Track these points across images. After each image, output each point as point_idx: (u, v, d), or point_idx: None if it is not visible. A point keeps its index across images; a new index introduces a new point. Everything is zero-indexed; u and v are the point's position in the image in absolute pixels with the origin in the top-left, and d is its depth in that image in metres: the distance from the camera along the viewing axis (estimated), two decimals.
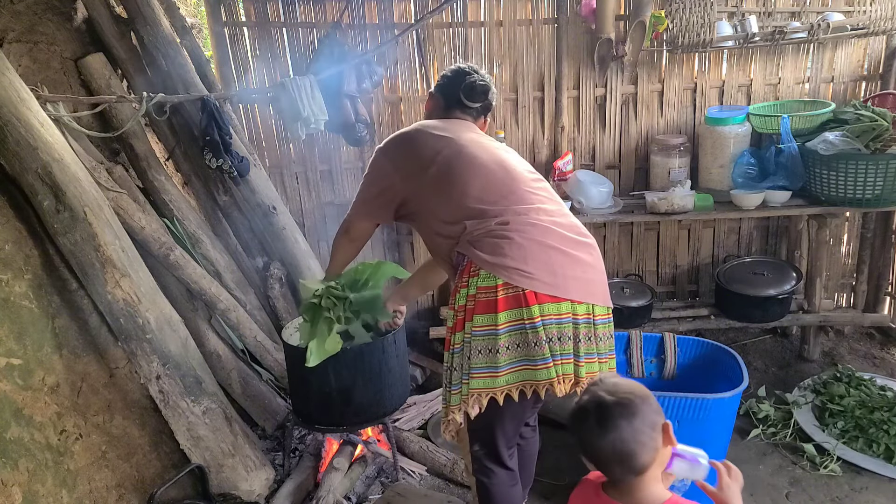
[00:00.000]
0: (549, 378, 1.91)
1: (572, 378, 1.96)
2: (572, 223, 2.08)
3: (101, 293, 2.42)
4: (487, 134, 2.31)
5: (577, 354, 1.97)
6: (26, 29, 2.67)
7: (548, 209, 2.04)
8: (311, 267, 3.41)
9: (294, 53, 3.55)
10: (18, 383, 2.17)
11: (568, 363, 1.95)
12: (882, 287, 3.83)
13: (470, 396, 1.95)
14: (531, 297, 1.90)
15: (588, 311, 1.98)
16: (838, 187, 3.23)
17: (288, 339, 2.77)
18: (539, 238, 1.96)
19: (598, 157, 3.78)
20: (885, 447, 2.79)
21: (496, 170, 2.07)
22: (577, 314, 1.96)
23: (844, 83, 3.67)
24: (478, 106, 2.28)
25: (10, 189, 2.39)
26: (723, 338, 3.79)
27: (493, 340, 1.92)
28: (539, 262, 1.93)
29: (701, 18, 3.26)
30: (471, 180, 2.04)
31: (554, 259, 1.95)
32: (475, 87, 2.25)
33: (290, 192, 3.79)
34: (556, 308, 1.93)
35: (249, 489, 2.62)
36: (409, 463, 2.92)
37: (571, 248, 2.00)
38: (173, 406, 2.54)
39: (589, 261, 2.03)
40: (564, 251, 1.98)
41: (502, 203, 2.01)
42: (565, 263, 1.97)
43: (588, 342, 1.99)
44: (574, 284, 1.96)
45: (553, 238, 1.98)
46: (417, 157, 2.11)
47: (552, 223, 2.01)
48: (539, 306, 1.91)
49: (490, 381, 1.93)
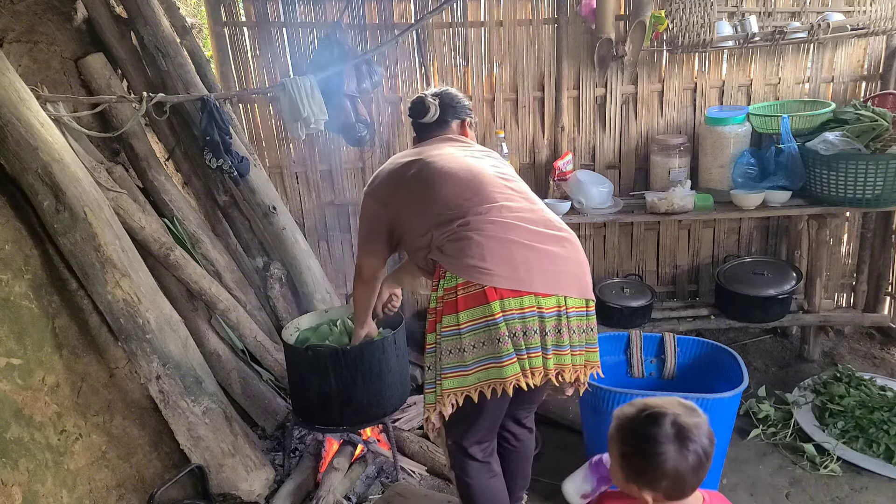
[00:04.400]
0: (514, 374, 1.92)
1: (541, 371, 1.97)
2: (544, 218, 2.07)
3: (101, 293, 2.42)
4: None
5: (545, 347, 1.97)
6: (26, 29, 2.67)
7: (512, 206, 2.03)
8: (310, 267, 3.41)
9: (294, 53, 3.55)
10: (18, 383, 2.17)
11: (536, 356, 1.96)
12: (882, 287, 3.83)
13: (444, 396, 1.97)
14: (491, 293, 1.91)
15: (558, 304, 1.97)
16: (838, 187, 3.23)
17: (288, 339, 2.77)
18: (499, 234, 1.97)
19: (598, 157, 3.78)
20: (885, 447, 2.79)
21: (463, 176, 2.07)
22: (543, 307, 1.95)
23: (844, 83, 3.67)
24: (428, 120, 2.28)
25: (10, 189, 2.39)
26: (723, 338, 3.79)
27: (458, 340, 1.95)
28: (498, 258, 1.94)
29: (701, 18, 3.26)
30: (438, 190, 2.06)
31: (515, 253, 1.95)
32: (412, 107, 2.32)
33: (290, 192, 3.79)
34: (519, 302, 1.93)
35: (249, 489, 2.62)
36: (409, 463, 2.92)
37: (538, 241, 1.99)
38: (173, 406, 2.54)
39: (560, 252, 2.01)
40: (528, 244, 1.98)
41: (465, 206, 2.02)
42: (529, 257, 1.97)
43: (557, 334, 1.98)
44: (540, 277, 1.96)
45: (515, 233, 1.98)
46: (392, 184, 2.18)
47: (516, 218, 2.01)
48: (500, 302, 1.92)
49: (461, 379, 1.96)
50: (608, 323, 3.46)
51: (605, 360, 2.57)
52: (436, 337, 2.01)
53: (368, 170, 3.78)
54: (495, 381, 1.94)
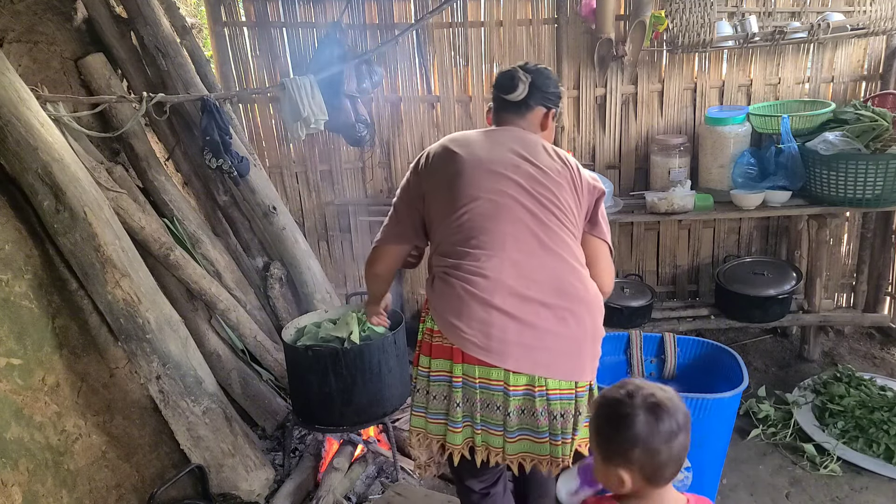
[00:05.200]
0: (455, 444, 1.86)
1: (499, 452, 1.84)
2: (553, 280, 1.80)
3: (101, 293, 2.42)
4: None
5: (507, 429, 1.82)
6: (26, 29, 2.67)
7: (519, 260, 1.79)
8: (311, 267, 3.41)
9: (294, 53, 3.55)
10: (18, 383, 2.17)
11: (496, 435, 1.83)
12: (882, 287, 3.83)
13: (411, 432, 1.94)
14: (457, 353, 1.80)
15: (530, 383, 1.79)
16: (838, 187, 3.23)
17: (288, 339, 2.77)
18: (485, 295, 1.76)
19: (598, 156, 3.78)
20: (885, 447, 2.79)
21: (481, 204, 1.82)
22: (510, 384, 1.78)
23: (844, 83, 3.67)
24: (513, 98, 1.96)
25: (10, 189, 2.39)
26: (723, 338, 3.79)
27: (426, 384, 1.88)
28: (475, 322, 1.76)
29: (701, 18, 3.26)
30: (450, 208, 1.85)
31: (494, 321, 1.75)
32: (500, 80, 2.00)
33: (290, 192, 3.79)
34: (486, 373, 1.79)
35: (249, 489, 2.62)
36: (409, 463, 2.92)
37: (527, 312, 1.77)
38: (173, 406, 2.54)
39: (550, 328, 1.78)
40: (511, 314, 1.76)
41: (468, 244, 1.81)
42: (509, 328, 1.76)
43: (524, 416, 1.81)
44: (515, 351, 1.76)
45: (502, 298, 1.76)
46: (427, 171, 1.94)
47: (516, 278, 1.78)
48: (463, 366, 1.80)
49: (425, 422, 1.91)
50: (608, 323, 3.41)
51: (605, 360, 2.57)
52: (415, 372, 1.96)
53: (368, 170, 3.78)
54: (448, 443, 1.88)
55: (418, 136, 3.73)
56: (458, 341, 1.78)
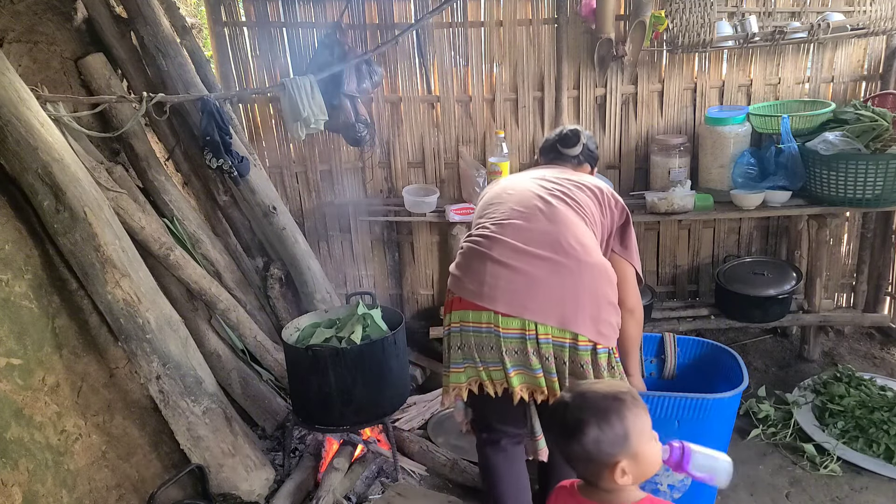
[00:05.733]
0: (459, 383, 2.09)
1: (503, 383, 2.03)
2: (552, 241, 2.01)
3: (101, 293, 2.42)
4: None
5: (505, 365, 1.99)
6: (26, 29, 2.67)
7: (521, 225, 2.05)
8: (311, 267, 3.41)
9: (294, 53, 3.55)
10: (18, 383, 2.17)
11: (496, 369, 2.02)
12: (882, 287, 3.83)
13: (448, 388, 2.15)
14: (455, 302, 2.06)
15: (522, 327, 1.95)
16: (838, 187, 3.23)
17: (288, 339, 2.77)
18: (484, 248, 2.04)
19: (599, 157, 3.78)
20: (885, 447, 2.79)
21: (500, 193, 2.22)
22: (502, 327, 1.96)
23: (844, 83, 3.67)
24: (568, 153, 2.40)
25: (10, 189, 2.39)
26: (723, 338, 3.79)
27: (447, 338, 2.13)
28: (471, 271, 2.04)
29: (701, 18, 3.26)
30: (481, 204, 2.28)
31: (488, 268, 2.00)
32: (565, 136, 2.41)
33: (290, 192, 3.79)
34: (478, 317, 1.99)
35: (249, 489, 2.62)
36: (409, 463, 2.92)
37: (522, 261, 1.98)
38: (173, 406, 2.54)
39: (542, 277, 1.96)
40: (505, 262, 1.99)
41: (483, 219, 2.17)
42: (500, 274, 1.98)
43: (519, 356, 1.97)
44: (505, 296, 1.96)
45: (499, 249, 2.01)
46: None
47: (514, 235, 2.03)
48: (459, 313, 2.04)
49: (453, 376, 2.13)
50: None
51: None
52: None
53: (368, 170, 3.78)
54: (452, 384, 2.11)
55: (418, 136, 3.73)
56: (458, 290, 2.06)
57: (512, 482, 2.24)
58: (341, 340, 2.78)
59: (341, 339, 2.79)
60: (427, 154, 3.76)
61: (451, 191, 3.81)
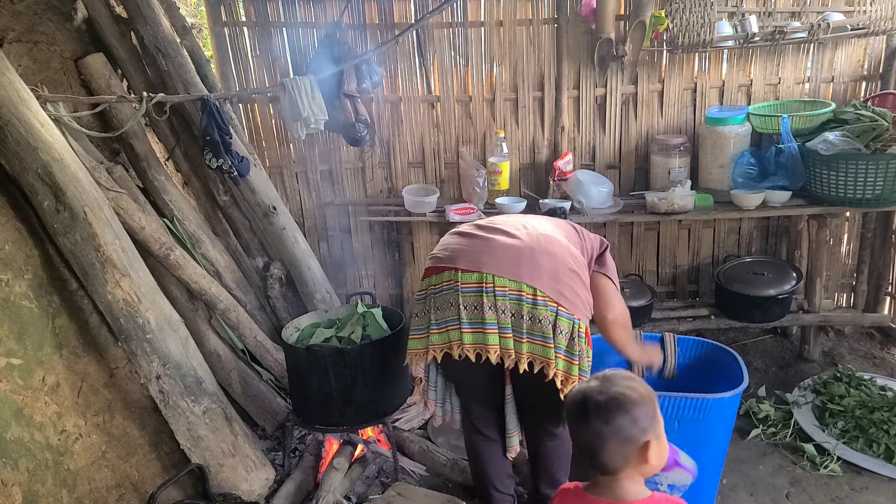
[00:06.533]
0: (419, 348, 2.20)
1: (459, 344, 2.08)
2: (514, 224, 2.21)
3: (101, 293, 2.42)
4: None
5: (461, 321, 2.06)
6: (26, 29, 2.67)
7: (494, 219, 2.30)
8: (311, 267, 3.41)
9: (294, 53, 3.55)
10: (18, 383, 2.17)
11: (453, 329, 2.09)
12: (882, 287, 3.83)
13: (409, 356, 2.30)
14: (424, 274, 2.22)
15: (480, 280, 2.05)
16: (838, 187, 3.23)
17: (288, 339, 2.77)
18: (457, 230, 2.27)
19: (598, 157, 3.78)
20: (885, 447, 2.78)
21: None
22: (460, 282, 2.06)
23: (844, 83, 3.67)
24: None
25: (10, 189, 2.39)
26: (723, 338, 3.79)
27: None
28: (441, 244, 2.24)
29: (701, 18, 3.26)
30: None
31: (456, 240, 2.20)
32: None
33: (290, 192, 3.79)
34: (440, 278, 2.13)
35: (249, 489, 2.61)
36: (409, 463, 2.92)
37: (485, 232, 2.17)
38: (173, 406, 2.54)
39: (502, 241, 2.11)
40: (470, 233, 2.20)
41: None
42: (464, 242, 2.17)
43: (475, 310, 2.05)
44: (466, 256, 2.10)
45: (467, 226, 2.25)
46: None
47: (484, 222, 2.27)
48: (426, 280, 2.19)
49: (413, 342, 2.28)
50: None
51: (605, 360, 2.57)
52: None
53: (368, 170, 3.78)
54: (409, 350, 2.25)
55: (418, 136, 3.73)
56: (431, 262, 2.22)
57: (494, 463, 2.42)
58: (341, 340, 2.78)
59: (341, 339, 2.79)
60: (427, 154, 3.76)
61: (451, 191, 3.81)
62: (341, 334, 2.81)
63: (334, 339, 2.80)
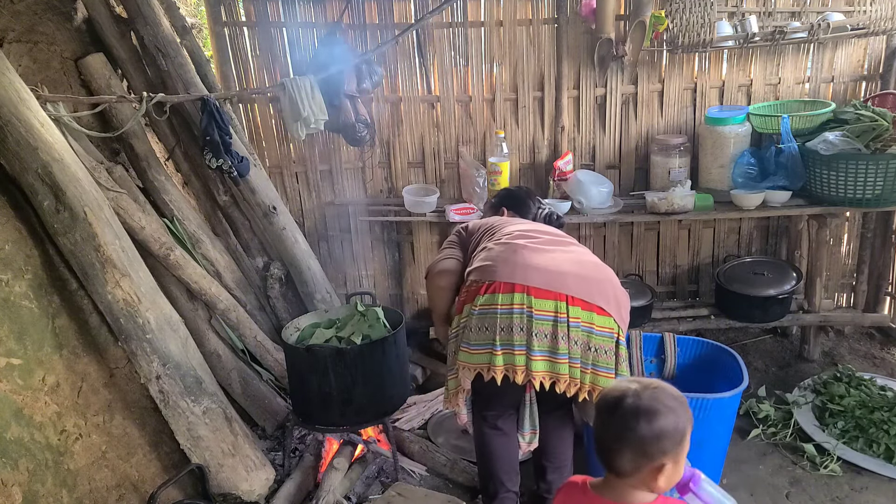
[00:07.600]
0: (470, 362, 2.17)
1: (524, 370, 2.07)
2: (560, 238, 2.31)
3: (101, 293, 2.42)
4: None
5: (531, 348, 2.06)
6: (26, 29, 2.67)
7: (533, 235, 2.29)
8: (311, 267, 3.41)
9: (294, 53, 3.55)
10: (18, 383, 2.17)
11: (520, 354, 2.07)
12: (882, 287, 3.83)
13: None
14: (483, 288, 2.15)
15: (556, 309, 2.06)
16: (838, 187, 3.23)
17: (288, 339, 2.77)
18: (507, 241, 2.23)
19: (598, 157, 3.78)
20: (885, 447, 2.79)
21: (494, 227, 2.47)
22: (535, 308, 2.05)
23: (844, 83, 3.67)
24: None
25: (10, 189, 2.39)
26: (723, 338, 3.79)
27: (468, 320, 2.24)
28: (499, 258, 2.17)
29: (701, 18, 3.26)
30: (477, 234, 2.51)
31: (517, 253, 2.16)
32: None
33: (290, 192, 3.79)
34: (509, 298, 2.08)
35: (249, 489, 2.61)
36: (409, 463, 2.92)
37: (544, 244, 2.18)
38: (173, 406, 2.54)
39: (564, 255, 2.18)
40: (532, 246, 2.17)
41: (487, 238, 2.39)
42: (527, 255, 2.14)
43: (547, 340, 2.06)
44: (537, 275, 2.09)
45: (523, 241, 2.21)
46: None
47: (532, 239, 2.24)
48: (488, 296, 2.12)
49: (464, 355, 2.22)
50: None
51: None
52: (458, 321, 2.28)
53: (368, 170, 3.78)
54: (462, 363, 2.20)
55: (418, 136, 3.73)
56: (486, 277, 2.15)
57: (505, 458, 2.39)
58: (341, 340, 2.78)
59: (341, 339, 2.79)
60: (427, 154, 3.76)
61: (451, 191, 3.81)
62: (341, 334, 2.81)
63: (334, 339, 2.80)
